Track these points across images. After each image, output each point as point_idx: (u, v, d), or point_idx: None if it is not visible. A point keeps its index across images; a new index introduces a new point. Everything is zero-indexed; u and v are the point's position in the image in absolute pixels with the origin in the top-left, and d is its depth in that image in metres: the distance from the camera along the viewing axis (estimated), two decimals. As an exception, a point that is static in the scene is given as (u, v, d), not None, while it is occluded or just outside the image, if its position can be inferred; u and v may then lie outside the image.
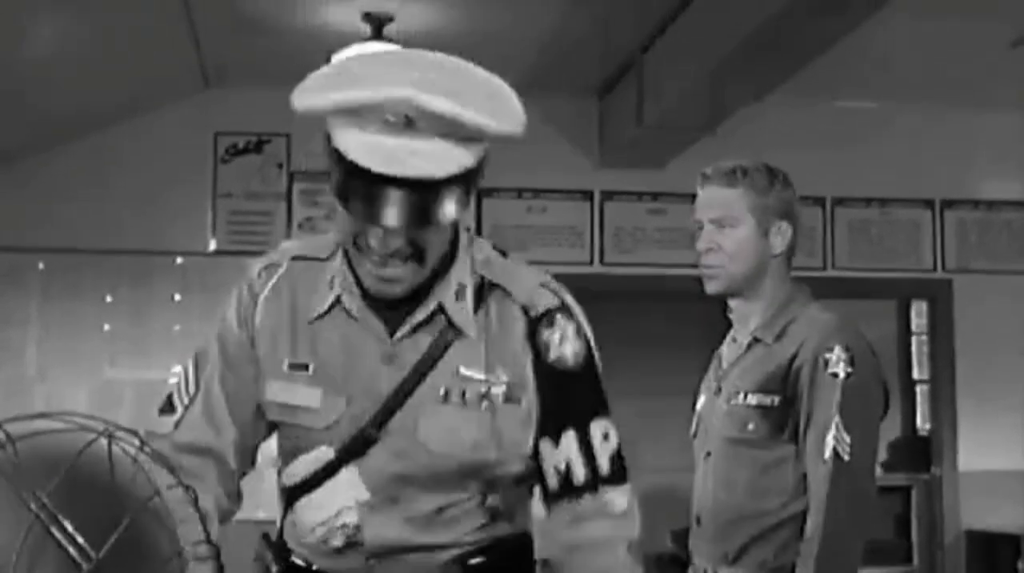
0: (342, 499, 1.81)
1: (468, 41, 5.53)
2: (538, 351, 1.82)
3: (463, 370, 1.80)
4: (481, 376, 1.80)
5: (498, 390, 1.80)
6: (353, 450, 1.80)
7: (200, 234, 6.14)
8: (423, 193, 1.64)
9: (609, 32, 5.37)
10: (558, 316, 1.83)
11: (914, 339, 7.45)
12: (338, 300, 1.83)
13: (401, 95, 1.63)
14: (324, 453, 1.81)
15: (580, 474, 1.81)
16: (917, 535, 6.92)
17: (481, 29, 5.26)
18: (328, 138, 1.69)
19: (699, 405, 2.82)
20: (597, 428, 1.83)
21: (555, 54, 5.70)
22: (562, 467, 1.81)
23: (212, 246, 6.15)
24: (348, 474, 1.80)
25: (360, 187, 1.64)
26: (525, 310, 1.83)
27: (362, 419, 1.79)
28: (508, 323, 1.83)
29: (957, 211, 6.76)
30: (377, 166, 1.62)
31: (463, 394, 1.79)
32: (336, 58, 5.26)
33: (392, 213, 1.64)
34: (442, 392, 1.79)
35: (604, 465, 1.82)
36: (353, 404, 1.80)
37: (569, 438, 1.82)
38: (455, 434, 1.79)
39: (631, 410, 6.55)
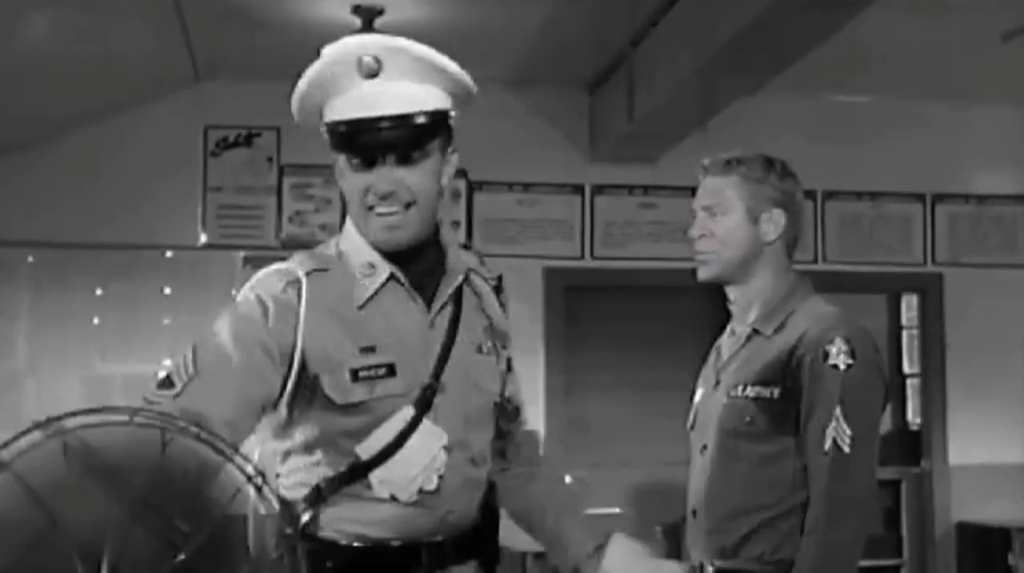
0: (433, 444, 2.04)
1: (459, 34, 5.54)
2: (504, 309, 2.28)
3: (479, 328, 2.18)
4: (489, 331, 2.21)
5: (497, 341, 2.23)
6: (424, 403, 2.04)
7: (190, 228, 6.12)
8: (402, 131, 1.99)
9: (600, 26, 5.36)
10: (502, 282, 2.30)
11: (904, 333, 7.44)
12: (392, 277, 2.08)
13: (370, 39, 1.97)
14: (406, 413, 2.03)
15: (519, 402, 2.34)
16: (907, 528, 6.93)
17: (472, 22, 5.25)
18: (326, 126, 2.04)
19: (697, 398, 2.80)
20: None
21: (546, 47, 5.70)
22: (518, 399, 2.32)
23: (202, 240, 6.13)
24: (427, 424, 2.04)
25: (350, 140, 2.00)
26: (486, 280, 2.25)
27: (424, 377, 2.06)
28: (486, 291, 2.25)
29: (948, 205, 6.78)
30: (355, 112, 1.97)
31: (480, 345, 2.18)
32: (326, 50, 5.24)
33: (379, 151, 1.99)
34: (475, 344, 2.16)
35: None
36: (413, 367, 2.06)
37: (515, 372, 2.31)
38: (491, 375, 2.19)
39: (619, 403, 6.62)
